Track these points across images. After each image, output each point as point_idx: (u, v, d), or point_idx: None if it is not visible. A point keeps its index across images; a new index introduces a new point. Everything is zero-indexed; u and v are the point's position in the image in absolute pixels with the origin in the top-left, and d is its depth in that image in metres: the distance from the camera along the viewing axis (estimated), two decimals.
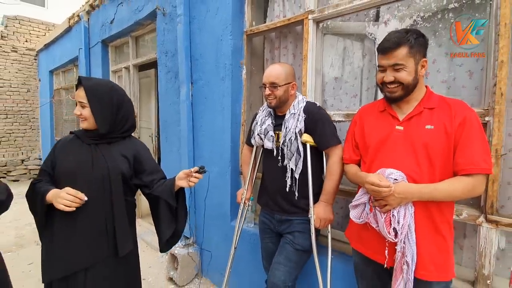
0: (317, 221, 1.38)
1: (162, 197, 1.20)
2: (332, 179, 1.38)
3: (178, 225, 1.25)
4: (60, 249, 1.09)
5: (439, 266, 1.04)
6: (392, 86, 1.09)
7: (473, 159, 0.99)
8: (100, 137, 1.18)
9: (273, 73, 1.43)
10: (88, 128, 1.16)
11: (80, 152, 1.14)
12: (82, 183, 1.09)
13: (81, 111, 1.13)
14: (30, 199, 1.15)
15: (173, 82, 2.57)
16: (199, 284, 2.34)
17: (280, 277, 1.41)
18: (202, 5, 2.24)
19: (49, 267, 1.10)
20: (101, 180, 1.11)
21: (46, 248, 1.13)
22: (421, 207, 1.05)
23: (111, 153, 1.17)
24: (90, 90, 1.13)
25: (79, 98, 1.13)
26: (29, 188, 1.16)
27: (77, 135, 1.20)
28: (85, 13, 4.04)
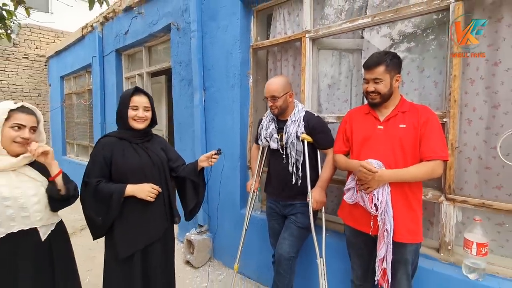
0: (314, 203, 1.71)
1: (188, 177, 1.54)
2: (328, 170, 1.72)
3: (199, 198, 1.60)
4: (138, 226, 1.38)
5: (411, 232, 1.37)
6: (373, 95, 1.42)
7: (433, 148, 1.32)
8: (144, 136, 1.50)
9: (272, 87, 1.73)
10: (142, 128, 1.45)
11: (135, 151, 1.43)
12: (150, 176, 1.41)
13: (145, 113, 1.44)
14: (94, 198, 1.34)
15: (187, 89, 2.90)
16: (213, 266, 2.66)
17: (285, 249, 1.74)
18: (213, 23, 2.57)
19: (129, 242, 1.37)
20: (159, 170, 1.45)
21: (122, 229, 1.38)
22: (398, 188, 1.38)
23: (155, 149, 1.49)
24: (150, 97, 1.47)
25: (143, 103, 1.43)
26: (87, 189, 1.35)
27: (119, 137, 1.44)
28: (99, 24, 4.36)
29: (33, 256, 1.20)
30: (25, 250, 1.18)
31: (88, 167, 1.41)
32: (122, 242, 1.37)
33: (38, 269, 1.22)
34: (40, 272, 1.23)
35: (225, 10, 2.47)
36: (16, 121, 1.17)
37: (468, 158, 1.57)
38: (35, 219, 1.18)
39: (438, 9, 1.55)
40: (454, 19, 1.47)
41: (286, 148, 1.77)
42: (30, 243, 1.19)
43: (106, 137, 1.46)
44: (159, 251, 1.50)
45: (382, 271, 1.39)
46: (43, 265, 1.25)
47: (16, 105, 1.19)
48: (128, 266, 1.40)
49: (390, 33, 1.89)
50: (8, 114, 1.16)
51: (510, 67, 1.43)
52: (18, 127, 1.17)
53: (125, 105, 1.42)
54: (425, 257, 1.60)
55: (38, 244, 1.22)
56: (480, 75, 1.50)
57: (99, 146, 1.42)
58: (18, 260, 1.16)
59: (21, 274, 1.16)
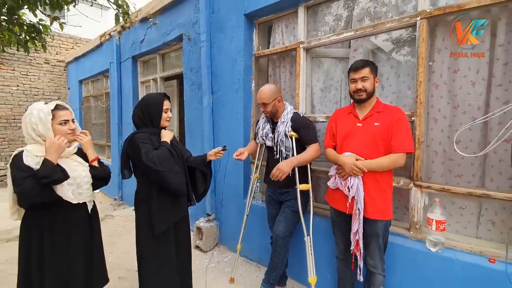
0: (275, 169, 1.89)
1: (199, 167, 1.86)
2: (305, 155, 1.97)
3: (206, 185, 1.92)
4: (169, 206, 1.68)
5: (381, 211, 1.66)
6: (360, 92, 1.70)
7: (400, 143, 1.61)
8: None
9: (262, 95, 2.03)
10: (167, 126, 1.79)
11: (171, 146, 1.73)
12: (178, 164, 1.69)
13: (170, 115, 1.77)
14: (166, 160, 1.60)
15: (196, 92, 3.25)
16: (219, 250, 2.99)
17: (281, 230, 2.04)
18: (221, 34, 2.91)
19: (163, 219, 1.64)
20: (181, 160, 1.74)
21: (159, 207, 1.63)
22: (370, 175, 1.66)
23: (177, 143, 1.82)
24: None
25: (169, 106, 1.77)
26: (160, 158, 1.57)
27: (150, 133, 1.70)
28: (117, 32, 4.77)
29: (81, 224, 1.55)
30: (76, 219, 1.52)
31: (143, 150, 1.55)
32: (157, 220, 1.62)
33: (84, 236, 1.57)
34: (84, 239, 1.57)
35: (231, 23, 2.80)
36: (61, 118, 1.46)
37: (435, 151, 1.85)
38: (86, 195, 1.52)
39: (408, 25, 1.84)
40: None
41: (278, 145, 2.08)
42: (80, 214, 1.54)
43: (139, 133, 1.65)
44: (185, 228, 1.84)
45: (356, 242, 1.69)
46: (86, 234, 1.59)
47: (52, 105, 1.46)
48: (164, 241, 1.69)
49: (373, 44, 2.18)
50: (52, 114, 1.44)
51: (467, 74, 1.70)
52: (64, 122, 1.48)
53: (159, 109, 1.70)
54: (398, 235, 1.88)
55: (85, 216, 1.56)
56: (443, 81, 1.79)
57: (144, 136, 1.62)
58: (72, 226, 1.50)
59: (73, 237, 1.50)
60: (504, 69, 1.60)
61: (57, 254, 1.46)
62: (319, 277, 1.99)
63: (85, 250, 1.59)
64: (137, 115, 1.73)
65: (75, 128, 1.54)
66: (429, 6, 1.74)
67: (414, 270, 1.76)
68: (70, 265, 1.49)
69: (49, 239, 1.44)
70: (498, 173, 1.66)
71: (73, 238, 1.51)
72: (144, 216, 1.68)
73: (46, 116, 1.41)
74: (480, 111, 1.68)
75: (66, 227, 1.48)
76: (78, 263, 1.53)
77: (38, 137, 1.41)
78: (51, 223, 1.46)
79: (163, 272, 1.72)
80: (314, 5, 2.35)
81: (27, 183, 1.29)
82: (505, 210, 1.66)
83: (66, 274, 1.48)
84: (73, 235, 1.51)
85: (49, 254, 1.44)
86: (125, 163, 1.71)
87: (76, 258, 1.52)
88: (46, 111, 1.42)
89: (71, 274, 1.50)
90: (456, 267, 1.62)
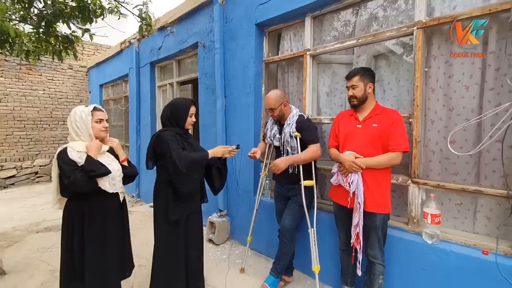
0: (272, 164, 2.14)
1: (215, 165, 2.06)
2: (303, 155, 2.13)
3: (222, 180, 2.12)
4: (187, 199, 1.92)
5: (380, 205, 1.81)
6: (352, 98, 1.88)
7: (396, 142, 1.76)
8: (187, 134, 2.04)
9: (269, 101, 2.20)
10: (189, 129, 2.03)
11: (186, 143, 1.95)
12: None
13: (194, 119, 2.00)
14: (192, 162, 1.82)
15: (210, 96, 3.47)
16: (230, 243, 3.18)
17: (288, 223, 2.21)
18: (233, 42, 3.13)
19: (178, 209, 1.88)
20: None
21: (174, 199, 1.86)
22: (369, 172, 1.81)
23: (194, 142, 2.04)
24: None
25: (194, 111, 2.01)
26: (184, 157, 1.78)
27: (175, 133, 1.93)
28: (136, 40, 5.09)
29: (115, 212, 1.77)
30: (110, 206, 1.75)
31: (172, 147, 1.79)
32: (172, 209, 1.88)
33: (117, 223, 1.79)
34: (117, 226, 1.80)
35: (242, 31, 3.01)
36: (97, 117, 1.72)
37: (432, 151, 1.98)
38: (118, 186, 1.75)
39: (405, 34, 1.98)
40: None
41: (284, 145, 2.25)
42: (113, 203, 1.77)
43: (166, 131, 1.89)
44: (196, 221, 2.05)
45: (356, 235, 1.84)
46: (119, 221, 1.82)
47: (92, 107, 1.73)
48: (176, 228, 1.93)
49: (375, 50, 2.34)
50: (92, 114, 1.70)
51: (460, 79, 1.83)
52: (99, 121, 1.73)
53: (186, 112, 1.95)
54: (398, 229, 2.02)
55: (118, 204, 1.80)
56: (439, 85, 1.92)
57: (171, 134, 1.87)
58: (107, 213, 1.73)
59: (109, 223, 1.73)
60: (496, 74, 1.73)
61: (96, 238, 1.69)
62: (323, 268, 2.15)
63: (119, 235, 1.82)
64: (165, 115, 1.98)
65: (107, 127, 1.78)
66: (425, 17, 1.89)
67: (412, 261, 1.89)
68: (107, 248, 1.72)
69: (88, 225, 1.68)
70: (492, 171, 1.78)
71: (108, 224, 1.74)
72: (161, 204, 1.93)
73: (87, 116, 1.68)
74: (473, 113, 1.81)
75: (102, 214, 1.71)
76: (114, 247, 1.76)
77: (80, 133, 1.67)
78: (90, 211, 1.69)
79: (169, 260, 1.96)
80: (319, 15, 2.52)
81: (77, 175, 1.53)
82: (500, 206, 1.77)
83: (104, 256, 1.71)
84: (109, 222, 1.74)
85: (89, 238, 1.67)
86: (150, 156, 1.94)
87: (112, 242, 1.75)
88: (87, 112, 1.69)
89: (108, 256, 1.72)
90: (451, 258, 1.74)
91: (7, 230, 3.80)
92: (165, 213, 1.87)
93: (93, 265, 1.68)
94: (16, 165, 6.69)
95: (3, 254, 2.96)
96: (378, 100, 2.22)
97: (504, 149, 1.64)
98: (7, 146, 6.63)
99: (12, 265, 2.77)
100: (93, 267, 1.68)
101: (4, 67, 6.52)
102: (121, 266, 1.83)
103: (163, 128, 1.97)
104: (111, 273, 1.75)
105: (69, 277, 1.70)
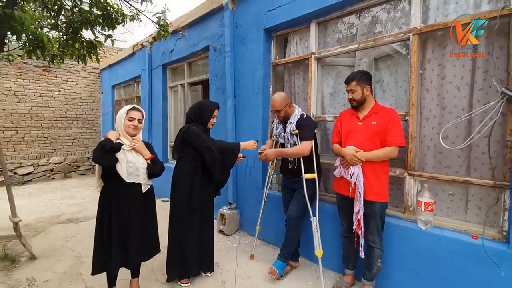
0: (263, 153, 2.40)
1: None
2: (291, 150, 2.33)
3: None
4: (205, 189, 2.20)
5: (378, 194, 2.00)
6: (352, 101, 2.09)
7: (393, 138, 1.95)
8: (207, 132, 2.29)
9: (275, 103, 2.38)
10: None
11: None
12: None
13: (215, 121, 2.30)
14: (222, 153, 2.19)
15: (221, 95, 3.69)
16: (240, 234, 3.39)
17: (294, 212, 2.41)
18: (243, 46, 3.34)
19: (200, 197, 2.20)
20: None
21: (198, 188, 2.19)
22: (369, 164, 2.01)
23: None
24: None
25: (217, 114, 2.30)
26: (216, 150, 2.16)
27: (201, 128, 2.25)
28: (149, 43, 5.35)
29: (137, 201, 2.00)
30: (133, 195, 1.98)
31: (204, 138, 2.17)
32: (196, 198, 2.17)
33: (139, 209, 2.02)
34: (139, 212, 2.03)
35: (251, 36, 3.23)
36: (129, 115, 1.96)
37: (427, 146, 2.16)
38: (141, 178, 1.98)
39: (402, 39, 2.17)
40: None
41: (286, 143, 2.46)
42: (136, 192, 1.99)
43: (195, 126, 2.23)
44: (209, 209, 2.32)
45: (357, 222, 2.03)
46: (140, 210, 2.04)
47: (130, 106, 1.99)
48: (193, 214, 2.21)
49: (376, 53, 2.53)
50: (127, 112, 1.96)
51: (452, 80, 2.02)
52: (131, 118, 1.97)
53: (210, 113, 2.27)
54: (395, 217, 2.20)
55: (139, 195, 2.02)
56: (433, 86, 2.10)
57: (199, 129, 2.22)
58: (131, 200, 1.96)
59: (132, 207, 1.96)
60: (484, 75, 1.90)
61: (121, 217, 1.94)
62: (326, 254, 2.34)
63: (140, 219, 2.04)
64: (192, 113, 2.30)
65: (137, 126, 2.00)
66: (420, 24, 2.07)
67: (407, 245, 2.08)
68: (129, 227, 1.96)
69: (115, 206, 1.94)
70: (481, 164, 1.95)
71: (132, 208, 1.98)
72: (183, 192, 2.19)
73: (123, 114, 1.96)
74: (464, 111, 1.99)
75: (127, 199, 1.96)
76: (135, 229, 1.99)
77: (118, 126, 1.98)
78: (116, 195, 1.95)
79: (184, 243, 2.24)
80: (324, 21, 2.72)
81: (98, 152, 1.84)
82: (489, 196, 1.95)
83: (126, 233, 1.96)
84: (132, 206, 1.97)
85: (116, 216, 1.92)
86: (177, 147, 2.24)
87: (134, 224, 1.98)
88: (125, 110, 1.98)
89: (130, 234, 1.97)
90: (442, 243, 1.93)
91: (30, 222, 4.06)
92: (187, 201, 2.11)
93: (116, 241, 1.93)
94: (33, 162, 7.02)
95: (31, 242, 3.22)
96: (378, 99, 2.43)
97: (491, 144, 1.82)
98: (25, 144, 6.95)
99: (40, 252, 3.02)
100: (116, 243, 1.93)
101: (23, 69, 6.85)
102: (141, 248, 2.05)
103: (191, 124, 2.26)
104: (131, 250, 1.98)
105: (99, 252, 1.97)
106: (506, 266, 1.69)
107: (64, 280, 2.48)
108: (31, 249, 2.91)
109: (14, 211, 2.81)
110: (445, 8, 2.03)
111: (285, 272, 2.48)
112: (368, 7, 2.44)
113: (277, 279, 2.41)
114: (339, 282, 2.32)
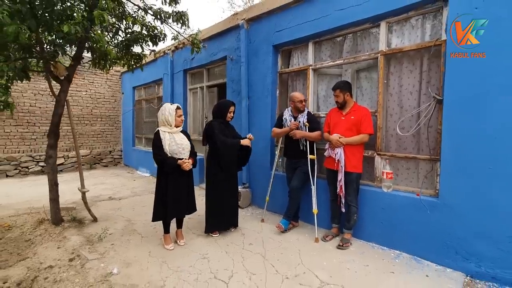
0: (294, 131, 3.21)
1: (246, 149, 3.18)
2: (312, 134, 3.18)
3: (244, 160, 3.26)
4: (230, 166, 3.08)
5: (355, 167, 2.86)
6: (337, 103, 2.96)
7: (365, 128, 2.82)
8: (227, 124, 3.17)
9: (301, 96, 3.25)
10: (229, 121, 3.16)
11: (227, 130, 3.12)
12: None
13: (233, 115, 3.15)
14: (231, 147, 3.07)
15: (236, 97, 4.56)
16: (252, 207, 4.27)
17: (295, 183, 3.28)
18: (255, 57, 4.21)
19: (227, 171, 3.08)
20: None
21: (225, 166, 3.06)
22: (349, 147, 2.87)
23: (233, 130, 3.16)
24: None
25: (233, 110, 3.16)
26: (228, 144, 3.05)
27: (220, 122, 3.12)
28: (171, 51, 6.23)
29: (183, 173, 2.86)
30: (179, 169, 2.83)
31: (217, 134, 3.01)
32: (225, 169, 3.05)
33: (184, 177, 2.89)
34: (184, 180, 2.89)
35: (262, 50, 4.10)
36: (178, 113, 2.83)
37: (391, 134, 3.03)
38: (186, 155, 2.85)
39: (373, 58, 3.04)
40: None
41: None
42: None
43: (214, 121, 3.12)
44: (233, 183, 3.22)
45: (340, 187, 2.89)
46: (185, 178, 2.91)
47: (176, 105, 2.85)
48: (221, 184, 3.10)
49: (358, 66, 3.39)
50: (176, 111, 2.82)
51: (407, 88, 2.88)
52: (180, 115, 2.85)
53: (226, 109, 3.11)
54: (368, 185, 3.07)
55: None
56: (395, 92, 2.97)
57: (217, 123, 3.10)
58: (180, 171, 2.82)
59: (180, 177, 2.83)
60: (427, 85, 2.76)
61: (173, 181, 2.81)
62: (319, 214, 3.20)
63: (185, 185, 2.91)
64: (214, 110, 3.16)
65: (182, 120, 2.87)
66: (385, 47, 2.94)
67: (375, 203, 2.94)
68: (180, 190, 2.84)
69: (170, 175, 2.80)
70: (426, 146, 2.81)
71: (180, 177, 2.85)
72: (212, 167, 3.09)
73: (173, 112, 2.80)
74: (415, 109, 2.85)
75: (177, 171, 2.81)
76: (183, 190, 2.87)
77: (167, 122, 2.79)
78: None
79: (217, 203, 3.12)
80: (319, 41, 3.59)
81: (158, 159, 2.71)
82: (433, 169, 2.80)
83: (178, 193, 2.83)
84: (180, 176, 2.84)
85: (172, 181, 2.80)
86: (204, 137, 3.13)
87: (182, 187, 2.86)
88: (173, 109, 2.81)
89: (181, 194, 2.84)
90: (398, 200, 2.79)
91: (77, 200, 4.94)
92: (220, 168, 3.00)
93: (171, 197, 2.79)
94: (64, 154, 7.91)
95: (86, 213, 4.09)
96: (358, 100, 3.30)
97: (430, 131, 2.68)
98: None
99: (98, 217, 3.90)
100: (171, 198, 2.79)
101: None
102: (187, 204, 2.93)
103: (213, 119, 3.15)
104: (181, 205, 2.87)
105: (158, 203, 2.85)
106: (435, 211, 2.55)
107: (124, 233, 3.36)
108: (93, 213, 3.80)
109: (83, 184, 3.69)
110: (402, 38, 2.90)
111: (288, 228, 3.35)
112: (350, 33, 3.31)
113: (282, 232, 3.27)
114: (328, 232, 3.19)
